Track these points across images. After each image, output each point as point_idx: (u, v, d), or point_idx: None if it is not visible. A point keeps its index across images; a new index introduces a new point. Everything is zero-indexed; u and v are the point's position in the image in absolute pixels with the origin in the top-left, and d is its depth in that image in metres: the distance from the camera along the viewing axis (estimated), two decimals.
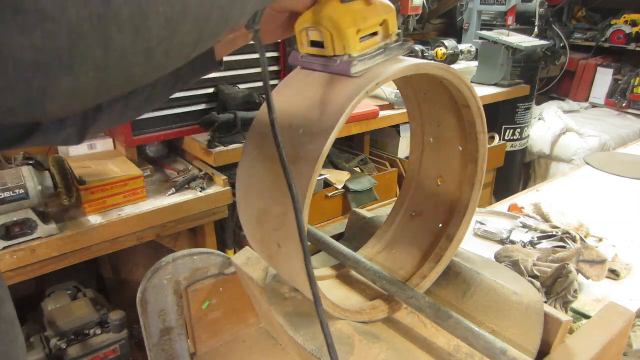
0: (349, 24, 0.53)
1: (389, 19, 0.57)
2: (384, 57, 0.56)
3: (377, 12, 0.56)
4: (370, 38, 0.56)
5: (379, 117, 2.03)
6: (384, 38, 0.57)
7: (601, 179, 1.67)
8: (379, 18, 0.56)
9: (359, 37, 0.54)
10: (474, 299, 0.72)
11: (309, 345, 0.63)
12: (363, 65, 0.54)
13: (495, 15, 3.25)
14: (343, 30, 0.53)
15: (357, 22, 0.54)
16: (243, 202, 0.64)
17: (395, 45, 0.58)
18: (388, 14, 0.57)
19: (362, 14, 0.54)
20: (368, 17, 0.55)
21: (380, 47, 0.57)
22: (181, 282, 0.82)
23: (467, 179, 0.74)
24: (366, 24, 0.55)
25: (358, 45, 0.54)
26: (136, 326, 1.64)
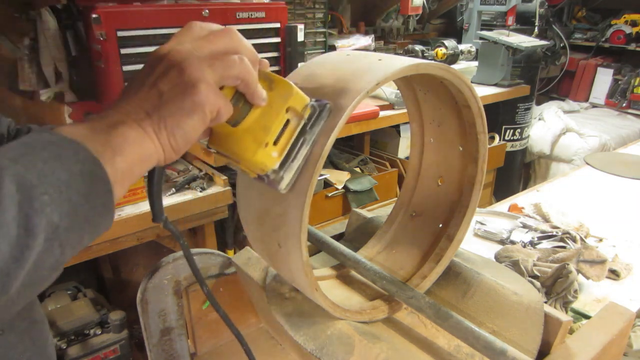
0: (252, 149, 0.47)
1: (293, 100, 0.49)
2: (307, 145, 0.50)
3: (275, 107, 0.48)
4: (283, 133, 0.49)
5: (379, 117, 2.03)
6: (298, 120, 0.50)
7: (601, 179, 1.67)
8: (281, 112, 0.48)
9: (270, 151, 0.48)
10: (474, 299, 0.72)
11: (309, 345, 0.63)
12: (289, 173, 0.50)
13: (495, 15, 3.25)
14: (250, 159, 0.48)
15: (259, 140, 0.47)
16: (243, 202, 0.64)
17: (314, 119, 0.50)
18: (288, 98, 0.48)
19: (260, 125, 0.47)
20: (269, 122, 0.48)
21: (298, 133, 0.50)
22: (181, 282, 0.82)
23: (467, 179, 0.74)
24: (271, 131, 0.48)
25: (273, 159, 0.49)
26: (136, 326, 1.64)
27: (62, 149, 0.38)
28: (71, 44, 1.58)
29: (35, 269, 0.35)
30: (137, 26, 1.48)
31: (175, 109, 0.43)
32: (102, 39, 1.43)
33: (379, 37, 2.96)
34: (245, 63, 0.45)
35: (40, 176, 0.35)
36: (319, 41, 2.29)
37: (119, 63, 1.47)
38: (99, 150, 0.40)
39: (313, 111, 0.50)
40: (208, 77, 0.43)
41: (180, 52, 0.44)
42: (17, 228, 0.33)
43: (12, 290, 0.34)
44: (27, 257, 0.34)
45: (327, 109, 0.51)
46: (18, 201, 0.34)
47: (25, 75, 1.64)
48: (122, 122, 0.42)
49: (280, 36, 1.81)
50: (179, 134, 0.44)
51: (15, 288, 0.34)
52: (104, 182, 0.40)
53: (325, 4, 2.29)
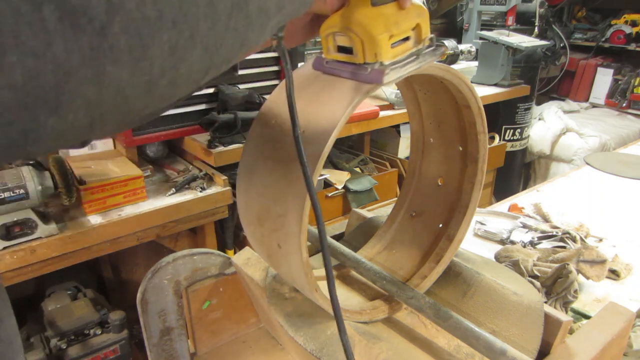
0: (380, 30, 0.50)
1: (422, 23, 0.54)
2: (416, 64, 0.53)
3: (409, 17, 0.52)
4: (402, 43, 0.52)
5: (379, 117, 2.03)
6: (416, 43, 0.54)
7: (601, 179, 1.67)
8: (411, 22, 0.53)
9: (390, 43, 0.51)
10: (474, 299, 0.72)
11: (309, 345, 0.63)
12: (395, 73, 0.52)
13: (495, 15, 3.25)
14: (374, 37, 0.50)
15: (389, 28, 0.50)
16: (243, 202, 0.64)
17: (428, 51, 0.55)
18: (420, 17, 0.53)
19: (394, 18, 0.51)
20: (400, 22, 0.51)
21: (412, 53, 0.53)
22: (181, 282, 0.82)
23: (467, 179, 0.74)
24: (398, 30, 0.51)
25: (390, 52, 0.51)
26: (136, 326, 1.64)
27: None
28: None
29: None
30: None
31: None
32: None
33: None
34: None
35: None
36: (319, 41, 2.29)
37: None
38: None
39: (430, 44, 0.55)
40: None
41: None
42: None
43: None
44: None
45: (441, 51, 0.55)
46: None
47: None
48: None
49: None
50: None
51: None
52: None
53: None
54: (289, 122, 0.55)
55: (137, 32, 0.25)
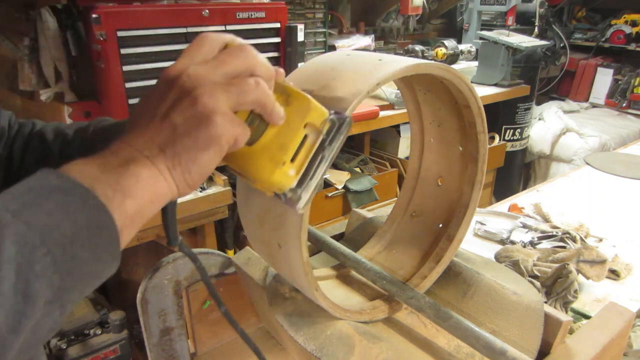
0: (269, 169, 0.45)
1: (310, 116, 0.46)
2: (326, 162, 0.47)
3: (293, 126, 0.45)
4: (301, 149, 0.46)
5: (379, 117, 2.03)
6: (316, 135, 0.46)
7: (601, 179, 1.67)
8: (299, 129, 0.46)
9: (287, 169, 0.45)
10: (474, 299, 0.72)
11: (309, 345, 0.63)
12: (307, 191, 0.47)
13: (495, 15, 3.25)
14: (267, 180, 0.45)
15: (276, 158, 0.45)
16: (243, 201, 0.64)
17: (334, 133, 0.47)
18: (306, 113, 0.46)
19: (277, 142, 0.45)
20: (286, 140, 0.45)
21: (316, 149, 0.47)
22: (181, 282, 0.82)
23: (467, 179, 0.74)
24: (289, 149, 0.45)
25: (291, 178, 0.46)
26: (136, 326, 1.64)
27: (69, 196, 0.36)
28: (71, 44, 1.58)
29: (33, 334, 0.34)
30: (137, 26, 1.48)
31: (190, 143, 0.40)
32: (102, 39, 1.43)
33: (379, 37, 2.96)
34: (262, 86, 0.43)
35: (44, 234, 0.33)
36: (319, 41, 2.29)
37: (119, 63, 1.47)
38: (109, 195, 0.38)
39: (332, 125, 0.47)
40: (223, 106, 0.41)
41: (191, 76, 0.41)
42: (15, 296, 0.31)
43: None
44: (25, 325, 0.32)
45: (347, 123, 0.48)
46: (17, 266, 0.31)
47: (25, 75, 1.65)
48: (134, 160, 0.40)
49: (280, 36, 1.81)
50: (195, 169, 0.42)
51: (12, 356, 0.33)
52: (112, 231, 0.38)
53: (325, 4, 2.29)
54: None
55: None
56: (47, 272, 0.33)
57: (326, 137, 0.47)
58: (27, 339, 0.33)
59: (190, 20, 1.57)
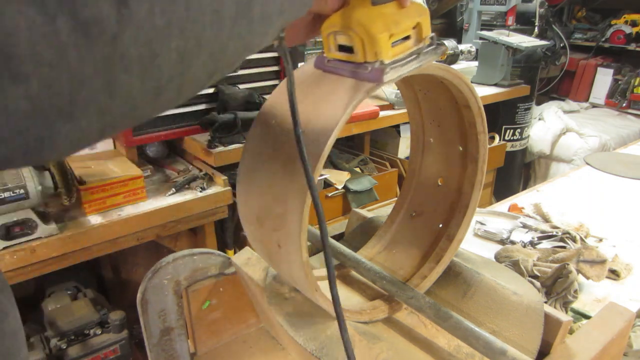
0: (380, 29, 0.50)
1: (422, 21, 0.54)
2: (416, 63, 0.53)
3: (409, 15, 0.52)
4: (402, 42, 0.52)
5: (379, 117, 2.03)
6: (416, 42, 0.54)
7: (601, 179, 1.67)
8: (411, 21, 0.53)
9: (391, 42, 0.51)
10: (474, 299, 0.72)
11: (309, 345, 0.63)
12: (395, 72, 0.52)
13: (495, 15, 3.25)
14: (375, 36, 0.50)
15: (389, 27, 0.50)
16: (243, 201, 0.64)
17: (429, 50, 0.54)
18: (421, 16, 0.54)
19: (394, 17, 0.51)
20: (400, 21, 0.51)
21: (412, 52, 0.53)
22: (181, 282, 0.82)
23: (467, 179, 0.74)
24: (398, 29, 0.51)
25: (390, 51, 0.51)
26: (136, 326, 1.64)
27: None
28: None
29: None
30: None
31: None
32: None
33: None
34: None
35: None
36: (319, 41, 2.29)
37: None
38: None
39: (431, 43, 0.55)
40: None
41: None
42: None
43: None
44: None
45: (442, 50, 0.55)
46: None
47: None
48: None
49: None
50: None
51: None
52: None
53: None
54: (289, 122, 0.55)
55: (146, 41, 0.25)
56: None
57: (423, 47, 0.54)
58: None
59: None
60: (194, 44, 0.28)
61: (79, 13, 0.23)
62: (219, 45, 0.30)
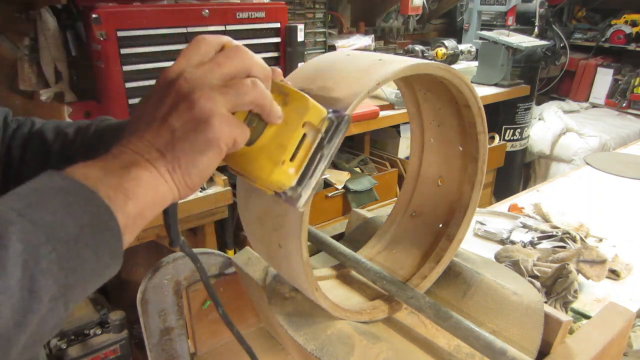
0: (268, 169, 0.45)
1: (308, 115, 0.46)
2: (325, 160, 0.47)
3: (291, 125, 0.46)
4: (299, 149, 0.46)
5: (379, 117, 2.03)
6: (315, 133, 0.47)
7: (601, 179, 1.67)
8: (297, 128, 0.46)
9: (287, 168, 0.46)
10: (474, 299, 0.72)
11: (309, 345, 0.63)
12: (307, 189, 0.47)
13: (495, 15, 3.25)
14: (266, 179, 0.46)
15: (275, 157, 0.45)
16: (243, 201, 0.64)
17: (332, 131, 0.47)
18: (304, 112, 0.46)
19: (276, 141, 0.46)
20: (285, 139, 0.45)
21: (315, 148, 0.47)
22: (181, 282, 0.82)
23: (467, 179, 0.74)
24: (287, 149, 0.46)
25: (290, 177, 0.46)
26: (136, 326, 1.64)
27: (73, 196, 0.36)
28: (71, 44, 1.58)
29: (38, 330, 0.34)
30: (137, 26, 1.48)
31: (188, 147, 0.41)
32: (102, 39, 1.43)
33: (379, 37, 2.96)
34: (259, 86, 0.43)
35: (49, 232, 0.34)
36: (319, 41, 2.29)
37: (119, 63, 1.47)
38: (111, 196, 0.38)
39: (330, 124, 0.47)
40: (220, 108, 0.41)
41: (188, 79, 0.41)
42: (21, 291, 0.32)
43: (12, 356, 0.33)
44: (30, 321, 0.33)
45: (346, 121, 0.48)
46: (23, 262, 0.32)
47: (25, 75, 1.65)
48: (136, 163, 0.40)
49: (280, 36, 1.81)
50: (194, 172, 0.42)
51: (16, 352, 0.33)
52: (115, 231, 0.38)
53: (325, 4, 2.29)
54: None
55: None
56: (53, 268, 0.33)
57: (325, 135, 0.47)
58: (32, 334, 0.34)
59: (190, 20, 1.57)
60: None
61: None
62: None
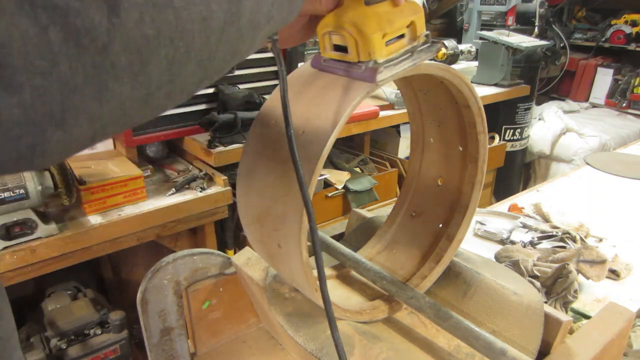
0: (374, 29, 0.50)
1: (417, 20, 0.53)
2: (410, 62, 0.53)
3: (403, 14, 0.52)
4: (396, 41, 0.52)
5: (379, 117, 2.03)
6: (410, 40, 0.54)
7: (601, 179, 1.67)
8: (405, 20, 0.52)
9: (384, 41, 0.51)
10: (474, 299, 0.72)
11: (309, 345, 0.63)
12: (389, 71, 0.52)
13: (495, 15, 3.25)
14: (368, 36, 0.50)
15: (382, 26, 0.50)
16: (243, 202, 0.64)
17: (423, 48, 0.54)
18: (415, 15, 0.53)
19: (388, 16, 0.51)
20: (394, 20, 0.51)
21: (406, 50, 0.53)
22: (181, 282, 0.82)
23: (467, 179, 0.74)
24: (392, 28, 0.51)
25: (384, 50, 0.51)
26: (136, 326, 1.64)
27: None
28: None
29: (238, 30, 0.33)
30: None
31: None
32: None
33: None
34: None
35: None
36: None
37: None
38: None
39: (425, 41, 0.54)
40: None
41: None
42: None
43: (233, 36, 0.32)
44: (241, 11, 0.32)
45: (437, 48, 0.55)
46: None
47: None
48: None
49: None
50: None
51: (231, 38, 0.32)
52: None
53: None
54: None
55: (136, 49, 0.26)
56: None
57: (417, 46, 0.54)
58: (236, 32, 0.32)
59: None
60: (183, 52, 0.29)
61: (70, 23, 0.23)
62: (207, 52, 0.31)
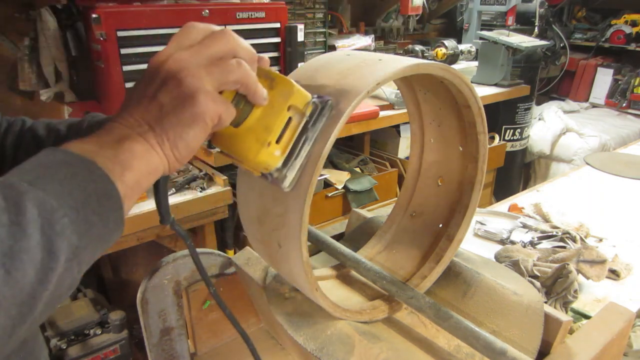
0: (255, 148, 0.47)
1: (293, 98, 0.48)
2: (309, 143, 0.50)
3: (277, 106, 0.48)
4: (286, 129, 0.48)
5: (379, 117, 2.03)
6: (299, 117, 0.49)
7: (601, 179, 1.67)
8: (283, 111, 0.48)
9: (273, 148, 0.48)
10: (474, 299, 0.72)
11: (309, 345, 0.63)
12: (292, 171, 0.50)
13: (495, 15, 3.26)
14: (252, 160, 0.48)
15: (261, 139, 0.47)
16: (243, 201, 0.64)
17: (317, 116, 0.50)
18: (289, 96, 0.48)
19: (262, 123, 0.47)
20: (271, 122, 0.47)
21: (301, 129, 0.49)
22: (181, 282, 0.82)
23: (467, 179, 0.74)
24: (273, 130, 0.47)
25: (276, 158, 0.48)
26: (136, 326, 1.64)
27: (76, 168, 0.39)
28: (71, 44, 1.58)
29: (56, 288, 0.37)
30: (137, 26, 1.48)
31: (176, 121, 0.44)
32: (102, 39, 1.43)
33: (379, 37, 2.96)
34: (244, 66, 0.46)
35: (59, 198, 0.37)
36: (319, 41, 2.29)
37: (119, 63, 1.47)
38: (109, 167, 0.41)
39: (315, 108, 0.50)
40: (207, 86, 0.44)
41: (177, 60, 0.44)
42: (42, 252, 0.35)
43: (37, 311, 0.36)
44: (51, 278, 0.36)
45: (329, 106, 0.51)
46: (41, 226, 0.35)
47: (25, 75, 1.65)
48: (128, 136, 0.43)
49: (280, 36, 1.81)
50: (182, 145, 0.45)
51: (40, 308, 0.36)
52: (116, 199, 0.41)
53: (325, 4, 2.29)
54: None
55: None
56: (66, 231, 0.36)
57: (309, 119, 0.50)
58: (52, 292, 0.36)
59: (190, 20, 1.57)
60: None
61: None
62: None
